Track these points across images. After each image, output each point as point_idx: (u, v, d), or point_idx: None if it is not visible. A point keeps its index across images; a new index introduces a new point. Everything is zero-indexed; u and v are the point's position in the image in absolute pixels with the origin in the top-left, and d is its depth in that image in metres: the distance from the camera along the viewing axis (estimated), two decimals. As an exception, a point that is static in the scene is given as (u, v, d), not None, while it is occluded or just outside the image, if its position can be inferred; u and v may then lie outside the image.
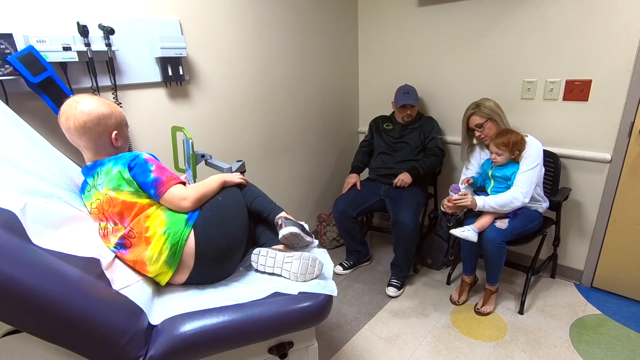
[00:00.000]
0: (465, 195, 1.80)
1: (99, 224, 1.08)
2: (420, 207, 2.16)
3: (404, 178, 2.16)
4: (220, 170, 1.55)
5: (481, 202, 1.77)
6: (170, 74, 1.73)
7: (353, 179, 2.34)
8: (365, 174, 2.48)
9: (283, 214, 1.25)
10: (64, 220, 0.94)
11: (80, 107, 1.06)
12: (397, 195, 2.17)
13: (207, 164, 1.62)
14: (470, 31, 2.18)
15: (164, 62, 1.70)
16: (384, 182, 2.30)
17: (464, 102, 2.29)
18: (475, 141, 2.00)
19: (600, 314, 1.93)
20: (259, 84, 2.16)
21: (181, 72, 1.76)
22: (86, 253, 0.91)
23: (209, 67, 1.92)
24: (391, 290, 2.15)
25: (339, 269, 2.39)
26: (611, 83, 1.82)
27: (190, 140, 1.38)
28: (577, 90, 1.92)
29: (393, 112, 2.41)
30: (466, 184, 1.93)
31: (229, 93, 2.04)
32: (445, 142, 2.44)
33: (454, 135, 2.42)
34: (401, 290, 2.18)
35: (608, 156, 1.90)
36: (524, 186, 1.74)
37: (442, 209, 1.90)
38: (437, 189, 2.52)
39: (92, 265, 0.89)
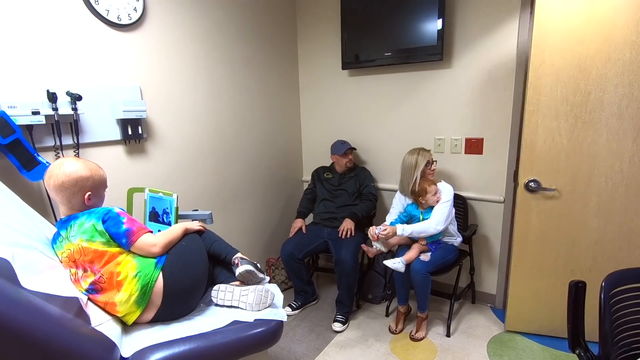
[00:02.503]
0: (384, 228, 2.10)
1: (70, 271, 1.19)
2: (359, 246, 2.43)
3: (347, 226, 2.42)
4: (200, 217, 1.72)
5: (400, 229, 2.10)
6: (130, 133, 1.90)
7: (299, 223, 2.59)
8: (310, 218, 2.74)
9: (239, 254, 1.45)
10: (42, 267, 1.05)
11: (63, 169, 1.21)
12: (339, 237, 2.44)
13: (180, 217, 1.74)
14: (391, 97, 2.66)
15: (125, 123, 1.88)
16: (327, 225, 2.57)
17: (391, 154, 2.72)
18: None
19: (511, 331, 2.29)
20: (211, 139, 2.40)
21: (140, 131, 1.95)
22: (67, 293, 1.02)
23: (166, 125, 2.13)
24: (337, 326, 2.34)
25: (288, 310, 2.53)
26: (497, 140, 2.34)
27: (176, 195, 1.56)
28: (474, 146, 2.42)
29: (332, 163, 2.75)
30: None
31: (183, 148, 2.24)
32: (378, 188, 2.81)
33: (384, 182, 2.81)
34: (346, 325, 2.38)
35: (502, 197, 2.38)
36: (436, 217, 2.12)
37: (374, 247, 2.19)
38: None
39: (72, 303, 1.01)
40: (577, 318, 1.15)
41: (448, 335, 2.26)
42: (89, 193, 1.26)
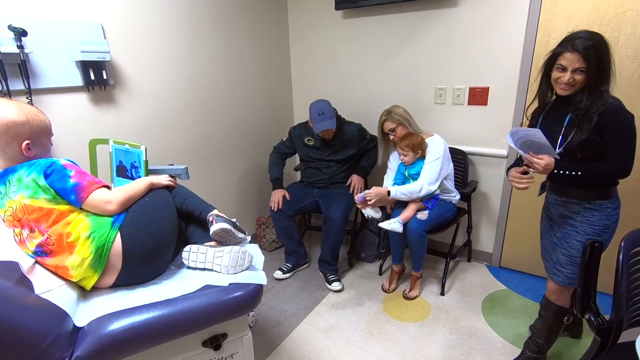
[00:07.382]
0: (369, 193, 1.95)
1: (14, 230, 1.04)
2: (350, 205, 2.28)
3: (356, 183, 2.33)
4: (173, 172, 1.54)
5: (393, 190, 1.97)
6: (92, 78, 1.68)
7: (280, 193, 2.33)
8: (295, 178, 2.56)
9: (215, 211, 1.29)
10: (-26, 227, 0.90)
11: None
12: (329, 194, 2.30)
13: (151, 172, 1.55)
14: (389, 43, 2.40)
15: (86, 66, 1.65)
16: (318, 186, 2.40)
17: (388, 105, 2.50)
18: (391, 144, 2.20)
19: (505, 289, 2.22)
20: (190, 90, 2.17)
21: (105, 77, 1.72)
22: (3, 257, 0.88)
23: (137, 72, 1.89)
24: (335, 285, 2.24)
25: (279, 274, 2.39)
26: (504, 90, 2.12)
27: (144, 147, 1.38)
28: (478, 96, 2.21)
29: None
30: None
31: (158, 98, 2.02)
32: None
33: (380, 137, 2.62)
34: (342, 284, 2.28)
35: (505, 152, 2.21)
36: (426, 176, 1.98)
37: (366, 215, 2.03)
38: (367, 187, 2.69)
39: (9, 268, 0.87)
40: (589, 281, 1.03)
41: (442, 294, 2.19)
42: (27, 142, 1.07)
